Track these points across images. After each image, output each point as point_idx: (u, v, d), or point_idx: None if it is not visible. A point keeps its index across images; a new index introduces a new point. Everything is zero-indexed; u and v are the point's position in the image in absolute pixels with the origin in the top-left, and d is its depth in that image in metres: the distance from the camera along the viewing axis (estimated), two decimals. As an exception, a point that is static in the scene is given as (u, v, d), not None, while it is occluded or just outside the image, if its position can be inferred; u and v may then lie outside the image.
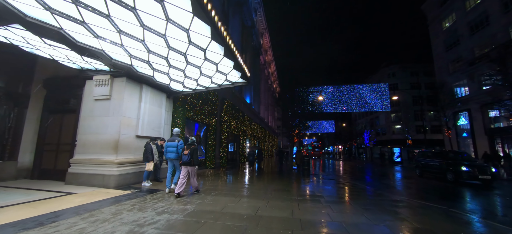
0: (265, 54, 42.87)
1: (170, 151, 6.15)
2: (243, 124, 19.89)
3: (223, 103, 15.08)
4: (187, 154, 5.70)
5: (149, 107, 8.01)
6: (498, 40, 20.52)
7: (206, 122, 12.53)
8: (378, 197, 6.65)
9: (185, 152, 5.74)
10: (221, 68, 7.01)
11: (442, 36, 28.31)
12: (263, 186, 7.85)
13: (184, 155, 5.73)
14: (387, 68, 46.79)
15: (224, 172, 12.19)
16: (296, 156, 15.99)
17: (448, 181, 9.80)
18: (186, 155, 5.70)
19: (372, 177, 12.48)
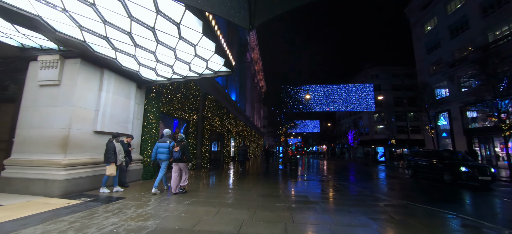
0: (252, 52, 41.86)
1: (162, 152, 5.99)
2: (227, 122, 18.73)
3: (206, 98, 13.86)
4: (177, 150, 5.74)
5: (113, 98, 6.68)
6: (477, 43, 21.25)
7: (186, 118, 11.27)
8: (378, 202, 5.91)
9: (175, 148, 5.78)
10: (200, 52, 5.89)
11: (424, 38, 29.09)
12: (249, 190, 6.85)
13: (175, 152, 5.76)
14: (370, 70, 47.84)
15: (206, 173, 11.03)
16: (283, 155, 15.20)
17: (445, 182, 9.43)
18: (177, 152, 5.74)
19: (362, 177, 11.96)
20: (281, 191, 6.97)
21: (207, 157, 13.63)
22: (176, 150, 5.77)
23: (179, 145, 5.80)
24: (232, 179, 9.21)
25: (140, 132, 8.04)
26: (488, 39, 20.40)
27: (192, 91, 11.68)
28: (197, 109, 12.32)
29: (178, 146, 5.80)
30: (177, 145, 5.82)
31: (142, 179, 7.83)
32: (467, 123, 22.81)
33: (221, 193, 6.33)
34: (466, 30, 22.63)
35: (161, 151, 5.99)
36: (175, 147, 5.82)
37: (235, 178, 9.72)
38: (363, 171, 16.13)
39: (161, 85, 8.87)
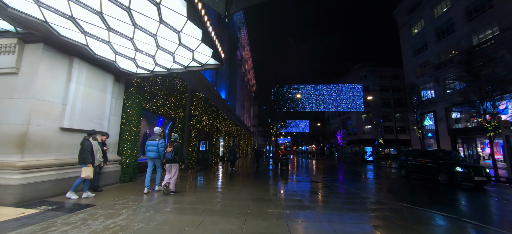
0: (242, 50, 41.22)
1: (150, 150, 5.98)
2: (217, 120, 18.05)
3: (194, 95, 13.14)
4: (170, 151, 5.72)
5: (85, 90, 5.89)
6: (462, 46, 21.88)
7: (172, 116, 10.53)
8: (377, 205, 5.56)
9: (168, 149, 5.74)
10: (185, 40, 5.26)
11: (411, 41, 29.73)
12: (238, 194, 6.30)
13: (168, 153, 5.72)
14: (359, 71, 48.64)
15: (192, 174, 10.37)
16: (273, 155, 14.82)
17: (439, 182, 9.32)
18: (170, 153, 5.71)
19: (354, 178, 11.75)
20: (273, 194, 6.48)
21: (194, 157, 12.92)
22: (169, 150, 5.73)
23: (172, 146, 5.75)
24: (221, 181, 8.62)
25: (118, 129, 7.26)
26: (472, 42, 21.03)
27: (179, 87, 10.94)
28: (183, 106, 11.59)
29: (171, 146, 5.75)
30: (169, 145, 5.77)
31: (119, 181, 7.07)
32: (451, 124, 23.47)
33: (208, 197, 5.74)
34: (451, 33, 23.26)
35: (149, 149, 5.98)
36: (167, 147, 5.78)
37: (224, 179, 9.13)
38: (354, 171, 16.02)
39: (143, 79, 8.11)
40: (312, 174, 12.83)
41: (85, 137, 5.37)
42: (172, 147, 5.74)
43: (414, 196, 7.14)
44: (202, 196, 5.93)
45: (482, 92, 14.24)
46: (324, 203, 5.60)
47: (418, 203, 6.03)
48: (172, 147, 5.74)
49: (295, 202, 5.58)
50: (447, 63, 23.16)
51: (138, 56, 5.95)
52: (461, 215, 4.86)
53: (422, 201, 6.35)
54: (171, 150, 5.72)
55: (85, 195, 5.19)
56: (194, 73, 13.37)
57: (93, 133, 5.56)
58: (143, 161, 9.30)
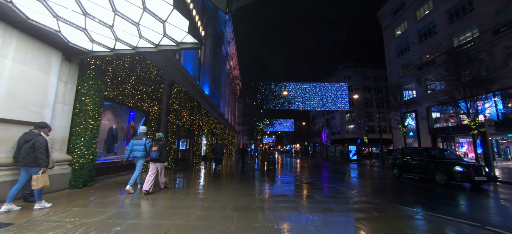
0: (227, 46, 39.84)
1: (137, 150, 5.90)
2: (198, 117, 16.67)
3: (172, 87, 11.72)
4: (155, 150, 5.66)
5: (14, 67, 4.42)
6: (444, 48, 22.48)
7: (144, 109, 9.09)
8: (384, 213, 4.74)
9: (153, 148, 5.71)
10: (152, 5, 4.04)
11: (394, 42, 30.33)
12: (219, 200, 5.19)
13: (153, 152, 5.67)
14: (344, 71, 49.34)
15: (170, 175, 9.05)
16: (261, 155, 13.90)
17: (437, 182, 8.86)
18: (155, 152, 5.66)
19: (346, 178, 11.10)
20: (260, 200, 5.45)
21: (172, 156, 11.52)
22: (154, 149, 5.68)
23: (157, 145, 5.71)
24: (202, 183, 7.44)
25: (69, 122, 5.79)
26: (453, 44, 21.64)
27: (153, 76, 9.52)
28: (159, 99, 10.17)
29: (156, 145, 5.70)
30: (155, 144, 5.74)
31: (69, 187, 5.62)
32: (431, 124, 24.09)
33: (181, 206, 4.57)
34: (433, 35, 23.86)
35: (136, 149, 5.87)
36: (153, 146, 5.75)
37: (205, 181, 7.94)
38: (343, 170, 15.52)
39: (105, 61, 6.66)
40: (301, 174, 12.02)
41: (31, 130, 4.07)
42: (158, 146, 5.66)
43: (413, 198, 6.50)
44: (175, 205, 4.74)
45: (466, 91, 14.36)
46: (324, 212, 4.67)
47: (429, 207, 5.34)
48: (158, 146, 5.67)
49: (289, 210, 4.59)
50: (429, 64, 23.71)
51: (90, 25, 4.58)
52: (483, 222, 4.17)
53: (433, 206, 5.68)
54: (157, 149, 5.64)
55: (5, 208, 3.78)
56: (173, 63, 11.95)
57: (44, 126, 4.22)
58: (107, 161, 7.83)
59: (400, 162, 11.25)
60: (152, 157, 5.65)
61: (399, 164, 11.21)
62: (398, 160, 11.31)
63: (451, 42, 21.76)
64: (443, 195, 6.99)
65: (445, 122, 23.72)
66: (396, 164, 11.51)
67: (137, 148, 5.85)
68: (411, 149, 11.59)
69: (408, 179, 10.72)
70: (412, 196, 6.82)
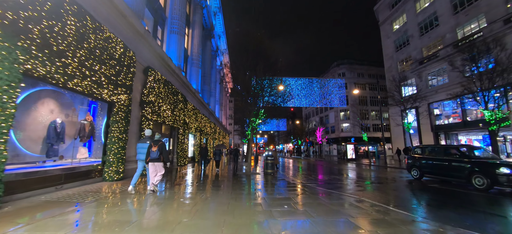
0: (218, 40, 37.51)
1: (142, 152, 5.92)
2: (184, 113, 14.39)
3: (148, 73, 9.45)
4: (155, 150, 5.68)
5: None
6: (447, 40, 21.35)
7: (104, 97, 6.81)
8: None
9: (153, 148, 5.71)
10: None
11: (392, 36, 29.17)
12: (206, 223, 3.11)
13: (152, 152, 5.69)
14: (338, 68, 48.17)
15: (145, 183, 6.83)
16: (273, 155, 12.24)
17: (473, 187, 7.18)
18: (155, 152, 5.67)
19: (361, 184, 9.25)
20: (264, 224, 3.42)
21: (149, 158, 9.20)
22: (154, 150, 5.70)
23: (156, 145, 5.73)
24: (185, 194, 5.31)
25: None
26: (457, 36, 20.51)
27: (119, 55, 7.23)
28: (128, 86, 7.89)
29: (156, 146, 5.72)
30: (154, 145, 5.75)
31: None
32: (433, 120, 22.96)
33: None
34: (435, 27, 22.71)
35: (140, 151, 5.96)
36: (152, 147, 5.74)
37: (190, 191, 5.80)
38: (351, 172, 13.74)
39: (26, 17, 4.37)
40: (307, 179, 10.04)
41: None
42: (157, 146, 5.73)
43: (464, 211, 4.68)
44: None
45: (484, 82, 12.97)
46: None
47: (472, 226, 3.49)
48: (157, 146, 5.74)
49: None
50: (432, 57, 22.53)
51: None
52: None
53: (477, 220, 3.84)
54: (157, 149, 5.70)
55: None
56: (147, 42, 9.67)
57: None
58: (42, 169, 5.50)
59: (421, 163, 9.56)
60: (152, 157, 5.68)
61: (420, 164, 9.52)
62: (418, 161, 9.61)
63: (455, 34, 20.64)
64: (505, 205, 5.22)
65: (446, 118, 22.62)
66: (415, 165, 9.82)
67: (141, 151, 5.94)
68: (435, 147, 9.93)
69: (432, 182, 9.04)
70: (467, 210, 5.01)
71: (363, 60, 49.01)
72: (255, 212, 4.30)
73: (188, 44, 21.68)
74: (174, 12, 15.34)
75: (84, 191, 5.61)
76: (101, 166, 7.13)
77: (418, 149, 10.48)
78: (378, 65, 48.57)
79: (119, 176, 7.29)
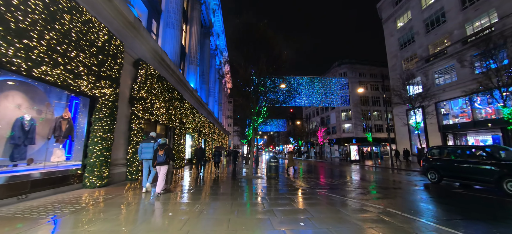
0: (217, 38, 36.61)
1: (146, 152, 6.19)
2: (181, 112, 13.45)
3: (139, 67, 8.51)
4: (162, 154, 5.78)
5: None
6: (455, 37, 20.54)
7: (86, 91, 5.87)
8: None
9: (160, 152, 5.80)
10: None
11: (396, 34, 28.36)
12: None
13: (159, 156, 5.78)
14: (339, 68, 47.35)
15: (132, 192, 5.87)
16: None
17: (504, 193, 6.28)
18: (161, 155, 5.78)
19: (382, 189, 8.33)
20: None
21: (134, 163, 8.25)
22: (160, 153, 5.80)
23: (163, 149, 5.82)
24: (179, 205, 4.37)
25: None
26: (466, 32, 19.70)
27: (101, 43, 6.29)
28: (114, 80, 6.95)
29: (162, 149, 5.81)
30: (160, 148, 5.82)
31: None
32: (441, 120, 22.10)
33: None
34: (442, 24, 21.89)
35: (146, 151, 6.16)
36: (159, 150, 5.81)
37: (185, 202, 4.87)
38: (364, 176, 12.81)
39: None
40: (314, 182, 9.09)
41: None
42: (164, 150, 5.80)
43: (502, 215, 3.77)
44: None
45: (502, 78, 12.10)
46: None
47: None
48: (164, 150, 5.80)
49: None
50: (439, 54, 21.69)
51: None
52: None
53: None
54: (163, 152, 5.78)
55: None
56: (138, 32, 8.73)
57: None
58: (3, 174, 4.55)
59: (439, 165, 8.65)
60: (159, 161, 5.79)
61: (438, 166, 8.61)
62: (436, 162, 8.71)
63: (464, 30, 19.83)
64: None
65: (454, 118, 21.76)
66: (433, 167, 8.92)
67: (146, 151, 6.14)
68: (456, 148, 9.04)
69: (451, 186, 8.12)
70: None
71: (364, 60, 48.19)
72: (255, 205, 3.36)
73: (185, 41, 20.78)
74: (170, 5, 14.44)
75: (55, 201, 4.66)
76: (81, 170, 6.17)
77: (435, 150, 9.58)
78: (379, 64, 47.81)
79: (102, 182, 6.33)
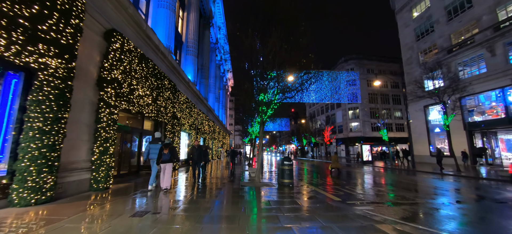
0: (218, 32, 34.48)
1: (154, 152, 6.48)
2: (173, 105, 11.36)
3: (112, 39, 6.40)
4: (167, 152, 6.05)
5: None
6: (484, 24, 18.28)
7: (11, 59, 3.79)
8: None
9: (164, 151, 6.04)
10: None
11: (412, 24, 26.10)
12: None
13: (164, 154, 6.03)
14: (345, 64, 45.11)
15: (99, 211, 3.74)
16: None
17: None
18: (166, 154, 6.05)
19: (455, 206, 6.15)
20: None
21: (109, 164, 6.14)
22: (165, 152, 6.02)
23: (167, 148, 6.06)
24: None
25: None
26: (497, 18, 17.45)
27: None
28: (66, 47, 4.85)
29: (167, 148, 6.05)
30: (165, 148, 6.06)
31: None
32: (466, 117, 19.86)
33: None
34: (468, 9, 19.62)
35: (153, 152, 6.49)
36: (164, 149, 6.05)
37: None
38: (406, 183, 10.65)
39: None
40: (352, 193, 6.95)
41: None
42: (168, 149, 6.04)
43: None
44: None
45: None
46: None
47: None
48: (168, 149, 6.04)
49: None
50: (464, 44, 19.44)
51: None
52: None
53: None
54: (168, 151, 6.03)
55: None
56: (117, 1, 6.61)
57: None
58: None
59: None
60: (164, 159, 6.01)
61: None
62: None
63: (495, 15, 17.58)
64: None
65: (480, 114, 19.50)
66: None
67: (154, 151, 6.47)
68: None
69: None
70: None
71: (372, 55, 45.90)
72: None
73: (182, 28, 18.71)
74: (162, -20, 12.34)
75: None
76: (8, 179, 4.08)
77: None
78: (388, 60, 45.56)
79: (41, 197, 4.24)
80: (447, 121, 15.67)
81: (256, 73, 7.47)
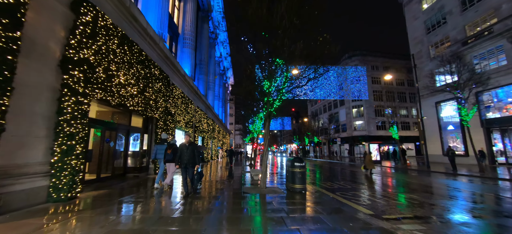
0: (217, 25, 33.08)
1: (161, 153, 6.71)
2: (166, 98, 10.03)
3: (81, 8, 5.08)
4: (170, 153, 6.28)
5: None
6: (504, 12, 16.94)
7: None
8: None
9: (168, 151, 6.30)
10: None
11: (422, 17, 24.73)
12: None
13: (168, 154, 6.27)
14: (349, 60, 43.75)
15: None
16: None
17: None
18: (170, 154, 6.27)
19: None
20: None
21: (75, 167, 4.83)
22: (169, 152, 6.25)
23: (171, 148, 6.30)
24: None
25: None
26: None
27: None
28: (6, 9, 3.53)
29: (170, 148, 6.29)
30: (168, 148, 6.32)
31: None
32: (483, 114, 18.52)
33: None
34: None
35: (160, 152, 6.72)
36: (167, 150, 6.31)
37: None
38: (433, 186, 9.34)
39: None
40: (389, 205, 5.61)
41: None
42: (172, 149, 6.27)
43: None
44: None
45: None
46: None
47: None
48: (172, 149, 6.27)
49: None
50: (480, 35, 18.09)
51: None
52: None
53: None
54: (171, 151, 6.25)
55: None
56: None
57: None
58: None
59: None
60: (168, 159, 6.24)
61: None
62: None
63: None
64: None
65: (497, 110, 18.18)
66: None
67: (160, 152, 6.71)
68: None
69: None
70: None
71: (376, 51, 44.55)
72: None
73: (179, 19, 17.37)
74: (154, -40, 11.01)
75: None
76: None
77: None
78: (394, 56, 44.22)
79: None
80: (467, 117, 14.33)
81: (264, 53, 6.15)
